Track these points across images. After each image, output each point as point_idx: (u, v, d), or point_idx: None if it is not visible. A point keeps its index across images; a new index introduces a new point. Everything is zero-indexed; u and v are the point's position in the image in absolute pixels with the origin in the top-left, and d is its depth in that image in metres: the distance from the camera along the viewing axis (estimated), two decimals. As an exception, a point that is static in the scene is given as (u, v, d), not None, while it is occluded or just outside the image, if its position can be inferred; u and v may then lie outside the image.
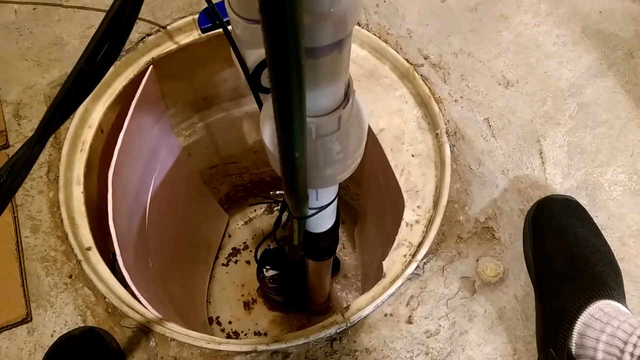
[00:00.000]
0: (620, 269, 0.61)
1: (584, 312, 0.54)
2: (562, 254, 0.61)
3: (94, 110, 0.75)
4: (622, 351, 0.49)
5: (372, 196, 0.99)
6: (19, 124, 0.74)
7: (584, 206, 0.66)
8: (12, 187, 0.31)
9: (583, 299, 0.55)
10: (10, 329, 0.61)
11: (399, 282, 0.63)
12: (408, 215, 0.69)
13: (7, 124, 0.73)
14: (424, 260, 0.65)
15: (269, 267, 0.98)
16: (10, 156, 0.35)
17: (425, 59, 0.79)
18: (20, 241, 0.66)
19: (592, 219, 0.64)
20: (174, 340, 0.60)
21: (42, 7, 0.83)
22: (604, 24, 0.83)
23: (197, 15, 0.81)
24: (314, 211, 0.48)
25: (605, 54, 0.80)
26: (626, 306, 0.56)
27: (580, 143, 0.73)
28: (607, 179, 0.70)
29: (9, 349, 0.60)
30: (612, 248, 0.62)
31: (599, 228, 0.64)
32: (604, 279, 0.57)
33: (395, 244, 0.67)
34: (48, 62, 0.78)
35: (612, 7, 0.84)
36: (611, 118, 0.75)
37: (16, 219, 0.67)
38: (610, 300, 0.55)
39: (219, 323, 1.21)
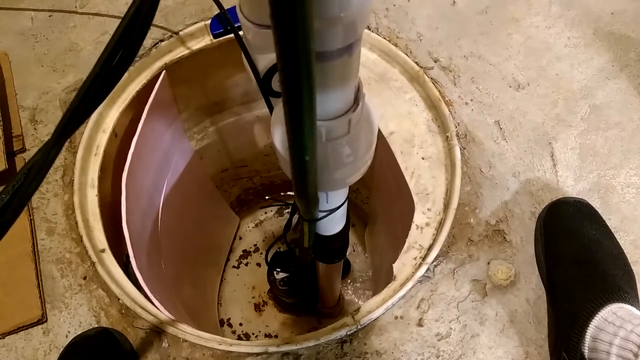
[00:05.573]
0: (634, 272, 0.60)
1: (597, 315, 0.54)
2: (574, 257, 0.60)
3: (108, 115, 0.77)
4: (636, 355, 0.49)
5: (382, 199, 0.99)
6: (35, 129, 0.75)
7: (597, 209, 0.65)
8: (28, 190, 0.31)
9: (596, 302, 0.55)
10: (26, 329, 0.62)
11: (410, 284, 0.63)
12: (418, 218, 0.69)
13: (23, 128, 0.75)
14: (435, 263, 0.65)
15: (279, 270, 0.98)
16: (27, 160, 0.35)
17: (435, 62, 0.79)
18: (36, 243, 0.67)
19: (604, 221, 0.64)
20: (186, 341, 0.61)
21: (57, 14, 0.85)
22: (616, 25, 0.82)
23: (209, 21, 0.82)
24: (324, 214, 0.49)
25: (617, 55, 0.79)
26: (640, 310, 0.55)
27: (592, 145, 0.72)
28: (619, 181, 0.70)
29: (25, 349, 0.62)
30: (625, 251, 0.61)
31: (612, 231, 0.63)
32: (616, 282, 0.56)
33: (405, 247, 0.67)
34: (63, 68, 0.80)
35: (624, 9, 0.83)
36: (624, 120, 0.74)
37: (32, 221, 0.69)
38: (623, 304, 0.54)
39: (229, 325, 1.22)
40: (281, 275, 0.98)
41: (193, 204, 1.04)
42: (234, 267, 1.30)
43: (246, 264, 1.30)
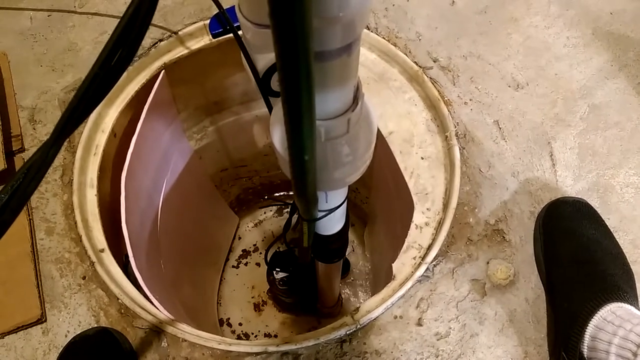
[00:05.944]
0: (633, 271, 0.60)
1: (596, 314, 0.54)
2: (574, 257, 0.60)
3: (107, 115, 0.77)
4: (635, 354, 0.49)
5: (381, 199, 0.99)
6: (34, 129, 0.75)
7: (596, 208, 0.65)
8: (27, 190, 0.31)
9: (595, 301, 0.55)
10: (25, 329, 0.62)
11: (409, 284, 0.63)
12: (417, 218, 0.69)
13: (22, 128, 0.75)
14: (434, 263, 0.65)
15: (278, 269, 0.98)
16: (25, 160, 0.35)
17: (434, 61, 0.79)
18: (35, 243, 0.67)
19: (603, 221, 0.64)
20: (185, 341, 0.61)
21: (56, 13, 0.84)
22: (615, 25, 0.82)
23: (208, 21, 0.82)
24: (324, 213, 0.49)
25: (616, 55, 0.79)
26: (639, 309, 0.55)
27: (591, 145, 0.72)
28: (618, 181, 0.70)
29: (24, 349, 0.61)
30: (624, 251, 0.61)
31: (611, 230, 0.63)
32: (616, 282, 0.57)
33: (404, 247, 0.67)
34: (62, 68, 0.79)
35: (623, 8, 0.83)
36: (622, 120, 0.74)
37: (31, 221, 0.69)
38: (622, 303, 0.54)
39: (229, 325, 1.22)
40: (280, 275, 0.98)
41: (192, 203, 1.04)
42: (233, 266, 1.30)
43: (245, 264, 1.30)
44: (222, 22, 0.52)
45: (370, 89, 0.78)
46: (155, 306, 0.64)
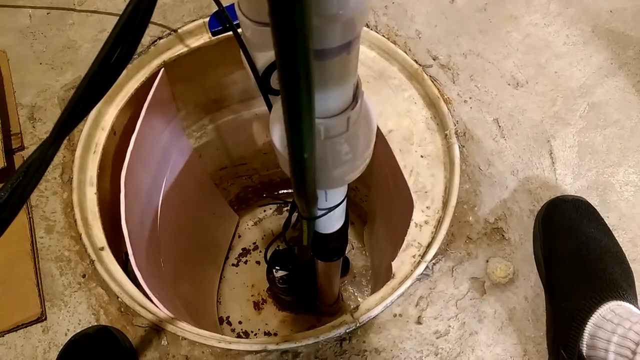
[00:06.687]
0: (632, 269, 0.60)
1: (595, 313, 0.54)
2: (573, 255, 0.60)
3: (107, 113, 0.77)
4: (634, 352, 0.49)
5: (381, 197, 0.99)
6: (33, 127, 0.75)
7: (595, 207, 0.65)
8: (27, 188, 0.31)
9: (594, 299, 0.55)
10: (25, 327, 0.62)
11: (408, 282, 0.63)
12: (417, 216, 0.69)
13: (22, 126, 0.75)
14: (433, 261, 0.65)
15: (278, 268, 0.98)
16: (25, 158, 0.35)
17: (434, 59, 0.79)
18: (35, 241, 0.67)
19: (603, 219, 0.64)
20: (185, 339, 0.61)
21: (56, 11, 0.84)
22: (615, 23, 0.82)
23: (207, 19, 0.82)
24: (323, 212, 0.49)
25: (616, 53, 0.79)
26: (638, 307, 0.55)
27: (590, 143, 0.72)
28: (618, 179, 0.70)
29: (24, 347, 0.62)
30: (623, 249, 0.61)
31: (610, 229, 0.64)
32: (615, 280, 0.57)
33: (404, 245, 0.67)
34: (62, 66, 0.79)
35: (623, 7, 0.83)
36: (622, 118, 0.74)
37: (31, 219, 0.69)
38: (621, 302, 0.54)
39: (229, 323, 1.22)
40: (280, 273, 0.98)
41: (192, 202, 1.04)
42: (233, 265, 1.30)
43: (245, 262, 1.30)
44: (222, 20, 0.52)
45: (369, 87, 0.78)
46: (155, 304, 0.64)
